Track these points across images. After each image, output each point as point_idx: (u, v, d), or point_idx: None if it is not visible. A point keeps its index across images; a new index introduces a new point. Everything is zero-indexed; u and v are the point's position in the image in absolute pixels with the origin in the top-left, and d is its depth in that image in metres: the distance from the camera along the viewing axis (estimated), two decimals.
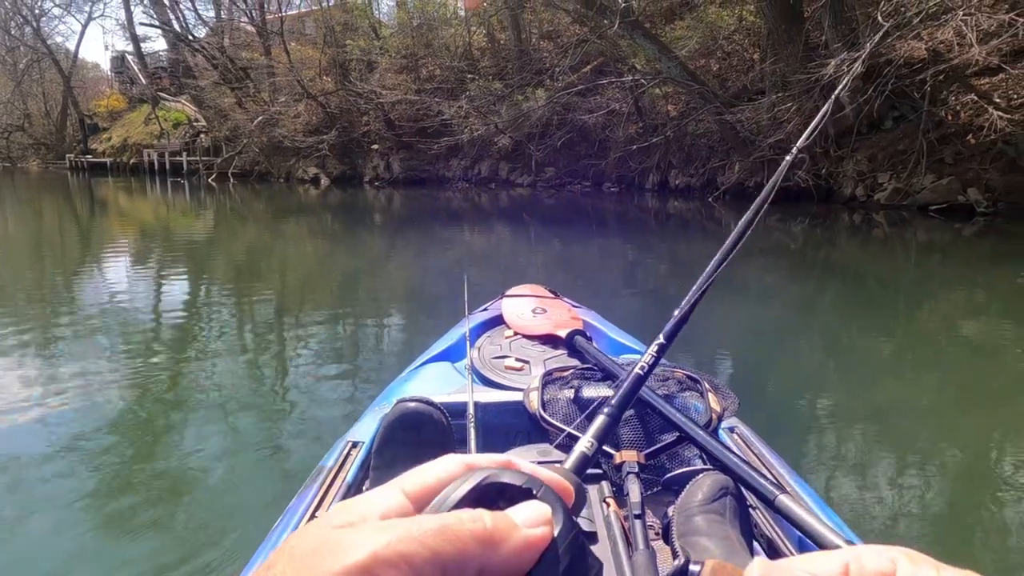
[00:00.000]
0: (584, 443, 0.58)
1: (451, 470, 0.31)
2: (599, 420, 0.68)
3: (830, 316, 5.19)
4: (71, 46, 39.34)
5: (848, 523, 1.21)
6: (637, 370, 0.81)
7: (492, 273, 6.71)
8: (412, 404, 1.28)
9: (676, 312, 0.96)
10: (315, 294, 6.05)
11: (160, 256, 8.33)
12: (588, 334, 1.90)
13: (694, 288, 1.00)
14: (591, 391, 1.36)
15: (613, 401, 0.73)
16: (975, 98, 10.04)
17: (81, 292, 5.91)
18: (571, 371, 1.46)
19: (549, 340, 1.89)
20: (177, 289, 6.23)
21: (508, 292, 2.30)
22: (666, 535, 1.01)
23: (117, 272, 7.00)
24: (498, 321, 2.12)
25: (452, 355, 1.96)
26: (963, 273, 6.68)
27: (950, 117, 10.47)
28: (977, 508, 2.28)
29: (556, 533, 0.28)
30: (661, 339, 0.87)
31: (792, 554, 1.05)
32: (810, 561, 0.28)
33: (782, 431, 2.85)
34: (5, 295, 5.69)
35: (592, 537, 1.02)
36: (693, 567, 0.51)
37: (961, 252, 7.91)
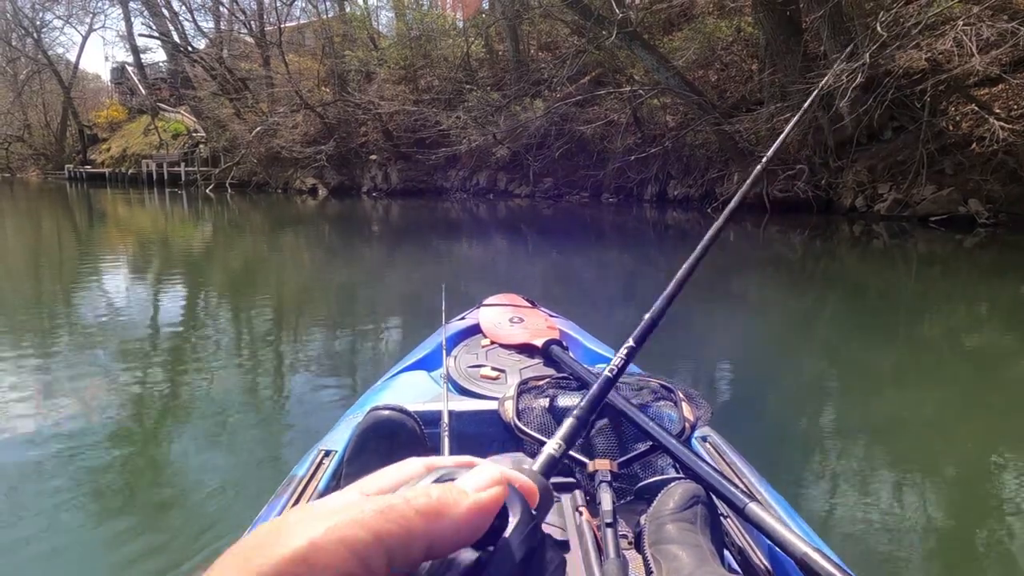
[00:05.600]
0: (552, 444, 0.56)
1: (411, 471, 0.31)
2: (568, 422, 0.65)
3: (828, 328, 5.09)
4: (71, 57, 39.57)
5: (839, 545, 1.14)
6: (607, 372, 0.79)
7: (488, 285, 6.62)
8: (385, 412, 1.26)
9: (647, 316, 0.94)
10: (305, 304, 5.99)
11: (155, 267, 8.28)
12: (564, 343, 1.87)
13: (667, 290, 0.99)
14: (566, 400, 1.36)
15: (583, 403, 0.71)
16: (975, 108, 9.98)
17: (77, 301, 5.88)
18: (546, 380, 1.45)
19: (525, 349, 1.86)
20: (169, 300, 6.17)
21: (485, 301, 2.26)
22: (638, 543, 1.01)
23: (113, 282, 6.95)
24: (475, 330, 2.08)
25: (428, 364, 1.92)
26: (964, 285, 6.58)
27: (950, 127, 10.42)
28: (968, 521, 2.23)
29: (513, 523, 0.28)
30: (631, 342, 0.85)
31: (762, 562, 1.08)
32: None
33: (777, 441, 2.80)
34: (3, 305, 5.66)
35: (564, 546, 0.99)
36: None
37: (962, 263, 7.81)
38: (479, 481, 0.27)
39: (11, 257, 9.04)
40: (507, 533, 0.28)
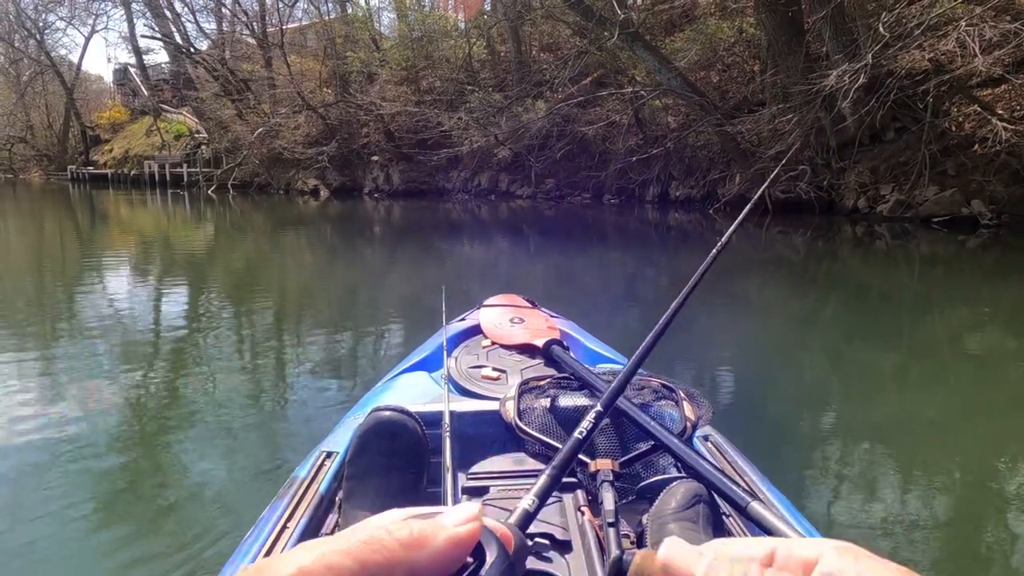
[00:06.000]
0: (527, 501, 0.59)
1: (393, 521, 0.32)
2: (542, 479, 0.67)
3: (830, 329, 5.08)
4: (74, 58, 39.45)
5: (836, 534, 1.14)
6: (576, 434, 0.80)
7: (490, 286, 6.61)
8: (387, 413, 1.26)
9: (614, 383, 0.95)
10: (306, 305, 5.99)
11: (157, 268, 8.29)
12: (565, 343, 1.87)
13: (633, 357, 0.99)
14: (567, 400, 1.37)
15: (556, 462, 0.73)
16: (978, 109, 9.96)
17: (79, 302, 5.89)
18: (547, 380, 1.46)
19: (526, 349, 1.86)
20: (171, 301, 6.19)
21: (486, 302, 2.26)
22: (640, 543, 1.02)
23: (115, 283, 6.98)
24: (475, 331, 2.08)
25: (429, 365, 1.92)
26: (967, 286, 6.56)
27: (953, 128, 10.39)
28: (971, 521, 2.23)
29: (490, 561, 0.29)
30: (599, 407, 0.86)
31: None
32: (739, 544, 0.29)
33: (779, 440, 2.80)
34: (5, 306, 5.68)
35: (566, 546, 1.00)
36: (627, 556, 0.51)
37: (965, 265, 7.79)
38: (456, 517, 0.29)
39: (14, 258, 9.06)
40: (483, 571, 0.29)
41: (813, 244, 9.39)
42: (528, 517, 0.56)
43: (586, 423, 0.83)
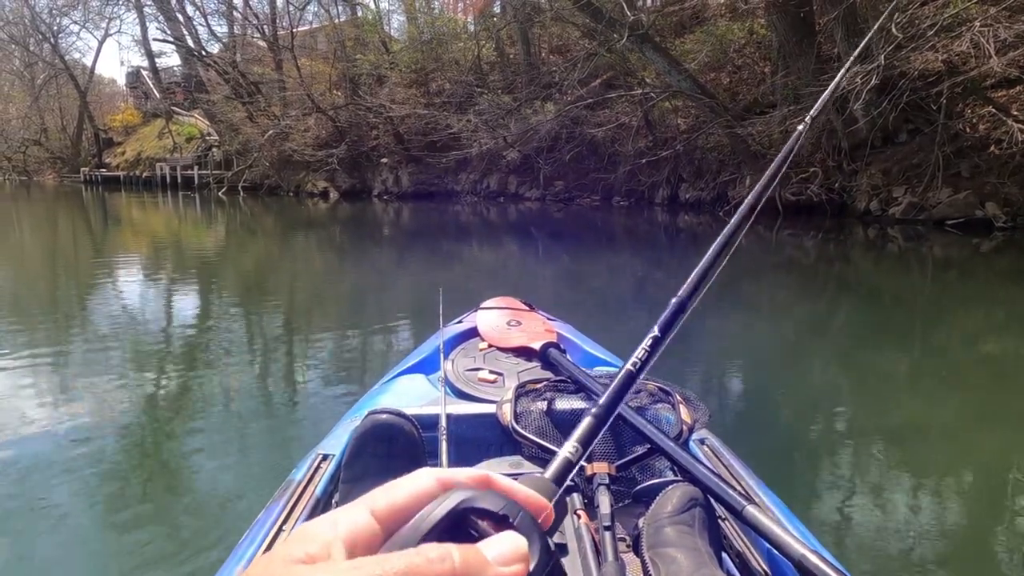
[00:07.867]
0: (568, 448, 0.51)
1: (423, 487, 0.29)
2: (586, 422, 0.57)
3: (840, 333, 5.02)
4: (88, 62, 39.97)
5: (836, 548, 1.11)
6: (628, 366, 0.72)
7: (496, 289, 6.56)
8: (383, 416, 1.26)
9: (674, 300, 0.87)
10: (308, 307, 6.01)
11: (166, 270, 8.35)
12: (562, 347, 1.86)
13: (699, 266, 0.92)
14: (564, 404, 1.36)
15: (601, 401, 0.64)
16: (993, 110, 9.85)
17: (89, 302, 5.94)
18: (544, 384, 1.45)
19: (523, 352, 1.85)
20: (177, 303, 6.22)
21: (483, 304, 2.26)
22: (636, 546, 1.02)
23: (124, 284, 7.03)
24: (473, 333, 2.08)
25: (426, 367, 1.92)
26: (981, 289, 6.48)
27: (967, 130, 10.27)
28: (968, 525, 2.20)
29: (532, 567, 0.26)
30: (656, 331, 0.78)
31: (760, 564, 1.07)
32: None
33: (779, 445, 2.78)
34: (20, 306, 5.74)
35: (563, 549, 1.01)
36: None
37: (979, 268, 7.70)
38: (503, 553, 0.26)
39: (28, 259, 9.14)
40: None
41: (824, 247, 9.31)
42: (568, 468, 0.50)
43: (641, 351, 0.77)
